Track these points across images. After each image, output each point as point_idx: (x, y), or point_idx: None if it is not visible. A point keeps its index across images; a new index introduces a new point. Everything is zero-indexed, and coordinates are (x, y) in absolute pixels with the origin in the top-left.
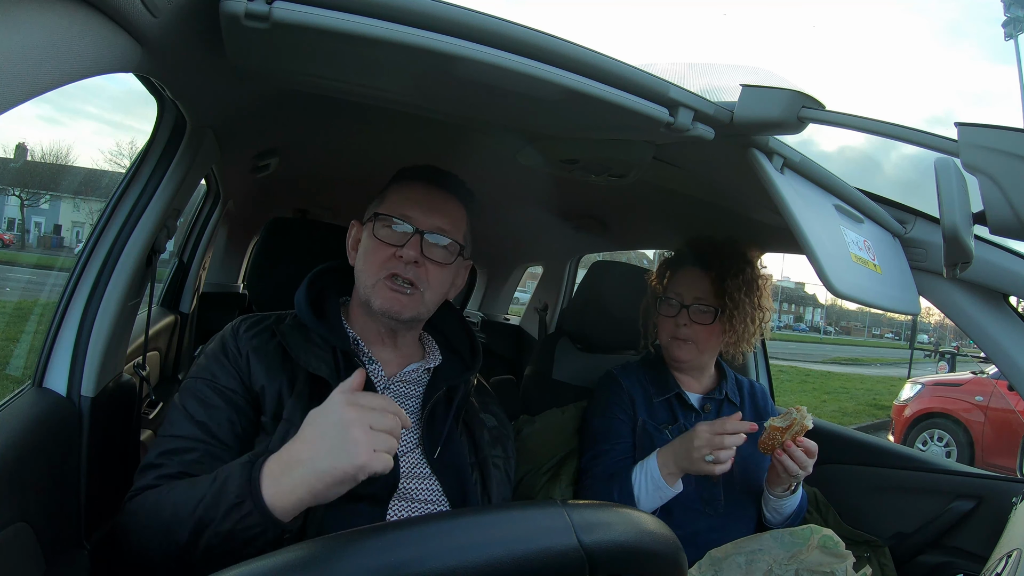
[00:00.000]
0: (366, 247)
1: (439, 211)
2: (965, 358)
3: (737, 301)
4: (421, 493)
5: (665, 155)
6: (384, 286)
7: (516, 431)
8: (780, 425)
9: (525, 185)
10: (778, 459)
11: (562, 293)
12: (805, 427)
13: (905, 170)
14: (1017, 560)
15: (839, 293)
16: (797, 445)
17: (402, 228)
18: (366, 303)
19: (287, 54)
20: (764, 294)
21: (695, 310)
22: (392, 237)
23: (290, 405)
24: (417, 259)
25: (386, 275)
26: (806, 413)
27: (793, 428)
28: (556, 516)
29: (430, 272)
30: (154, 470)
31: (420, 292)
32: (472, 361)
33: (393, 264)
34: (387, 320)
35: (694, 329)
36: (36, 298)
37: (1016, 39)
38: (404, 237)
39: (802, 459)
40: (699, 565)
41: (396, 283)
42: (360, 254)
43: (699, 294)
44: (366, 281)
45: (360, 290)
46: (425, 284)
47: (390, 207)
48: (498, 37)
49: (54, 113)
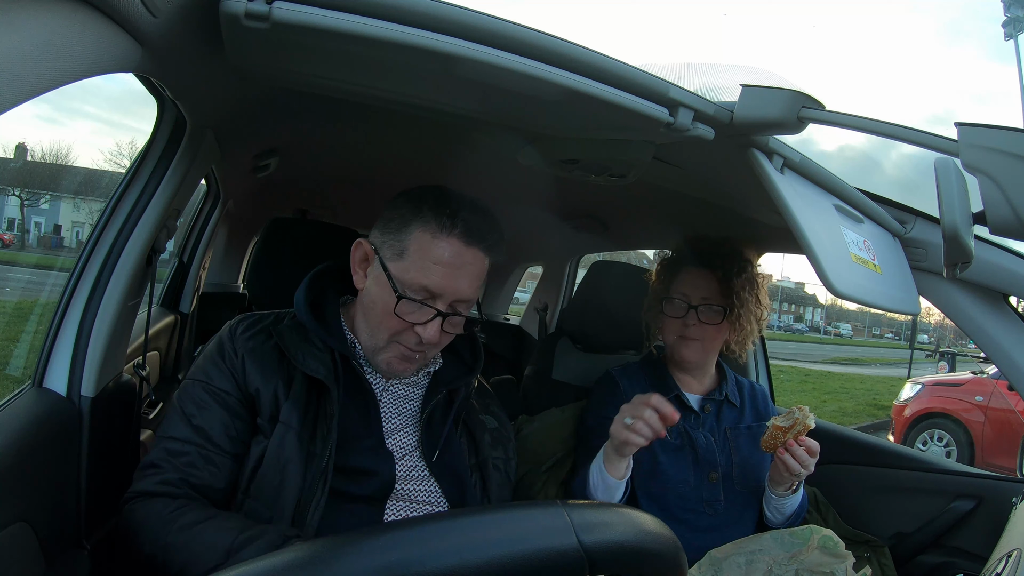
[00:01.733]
0: (381, 303)
1: (466, 276)
2: (965, 358)
3: (743, 300)
4: (419, 495)
5: (665, 155)
6: (395, 351)
7: (516, 431)
8: (783, 424)
9: (525, 185)
10: (780, 458)
11: (562, 293)
12: (807, 426)
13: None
14: (1017, 560)
15: (839, 293)
16: (799, 444)
17: (423, 312)
18: (371, 353)
19: (287, 54)
20: (763, 291)
21: (703, 310)
22: (412, 316)
23: (286, 407)
24: (437, 341)
25: (399, 341)
26: (808, 413)
27: (795, 428)
28: (556, 516)
29: (443, 340)
30: (154, 471)
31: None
32: (473, 363)
33: (408, 337)
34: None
35: (702, 329)
36: (36, 298)
37: (1016, 39)
38: (425, 316)
39: (804, 458)
40: (699, 565)
41: (408, 351)
42: (371, 302)
43: (706, 294)
44: (376, 341)
45: (365, 336)
46: (435, 349)
47: (414, 274)
48: (498, 37)
49: (52, 113)
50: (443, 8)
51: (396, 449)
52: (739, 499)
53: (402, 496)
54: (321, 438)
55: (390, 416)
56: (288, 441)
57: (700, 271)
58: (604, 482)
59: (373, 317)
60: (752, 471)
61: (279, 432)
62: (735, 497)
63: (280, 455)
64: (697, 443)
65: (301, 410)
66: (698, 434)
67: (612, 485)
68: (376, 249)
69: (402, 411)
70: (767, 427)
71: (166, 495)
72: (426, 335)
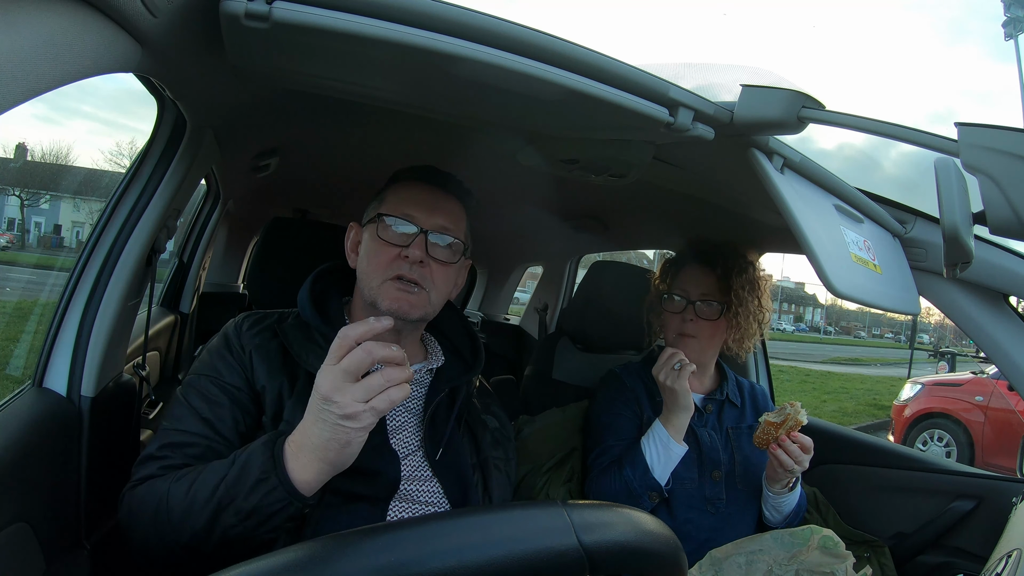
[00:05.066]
0: (369, 248)
1: (441, 210)
2: (965, 358)
3: (742, 298)
4: (422, 495)
5: (665, 155)
6: (390, 286)
7: (516, 431)
8: (774, 420)
9: (525, 185)
10: (773, 453)
11: (562, 293)
12: (799, 422)
13: (905, 169)
14: (1017, 560)
15: (839, 293)
16: (792, 440)
17: (406, 228)
18: (372, 304)
19: (287, 54)
20: (765, 294)
21: (701, 306)
22: (396, 238)
23: (289, 406)
24: (423, 259)
25: (392, 275)
26: (800, 408)
27: (787, 423)
28: (556, 516)
29: (435, 272)
30: (156, 461)
31: (426, 292)
32: (474, 362)
33: (398, 265)
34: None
35: (700, 325)
36: (36, 298)
37: (1016, 39)
38: (408, 238)
39: (797, 453)
40: (699, 565)
41: (402, 283)
42: (363, 255)
43: (705, 290)
44: (371, 282)
45: (364, 291)
46: (430, 284)
47: (392, 207)
48: (498, 37)
49: (49, 112)
50: (443, 8)
51: (400, 448)
52: (741, 498)
53: (404, 497)
54: None
55: (393, 414)
56: None
57: (700, 268)
58: (668, 454)
59: (364, 268)
60: (754, 470)
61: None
62: (737, 496)
63: None
64: (701, 441)
65: (304, 409)
66: (702, 432)
67: (676, 454)
68: (362, 224)
69: (405, 408)
70: (759, 423)
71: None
72: (413, 254)
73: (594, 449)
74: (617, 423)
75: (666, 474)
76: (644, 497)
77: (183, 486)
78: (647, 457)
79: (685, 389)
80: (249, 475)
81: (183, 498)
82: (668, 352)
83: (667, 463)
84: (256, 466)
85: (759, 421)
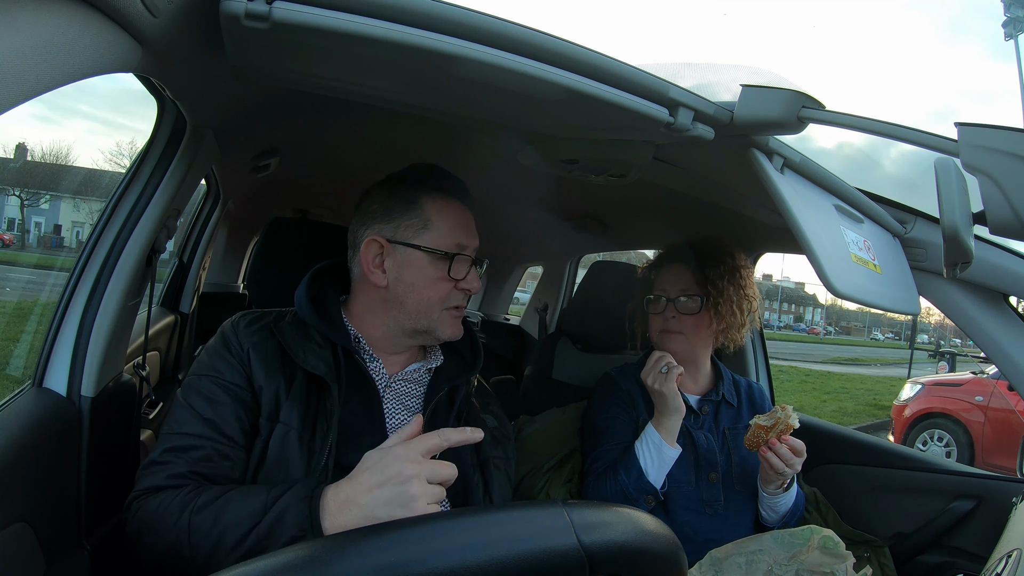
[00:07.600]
0: (427, 276)
1: (475, 231)
2: (965, 358)
3: (720, 288)
4: None
5: (665, 155)
6: (448, 316)
7: (517, 431)
8: (765, 423)
9: (525, 185)
10: (764, 456)
11: (562, 293)
12: (790, 426)
13: (905, 169)
14: (1017, 560)
15: (839, 293)
16: (783, 443)
17: (466, 262)
18: (424, 332)
19: (287, 54)
20: (748, 283)
21: (683, 301)
22: (461, 273)
23: (286, 407)
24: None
25: (451, 306)
26: (791, 412)
27: (778, 427)
28: (556, 516)
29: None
30: (161, 467)
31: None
32: (473, 361)
33: (457, 297)
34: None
35: (682, 320)
36: (36, 298)
37: (1016, 39)
38: (466, 268)
39: (788, 456)
40: (699, 565)
41: (458, 311)
42: (413, 281)
43: (683, 286)
44: (429, 312)
45: (415, 318)
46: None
47: (445, 238)
48: (498, 37)
49: (47, 112)
50: (443, 8)
51: None
52: (739, 499)
53: None
54: (321, 435)
55: (393, 412)
56: (289, 440)
57: (677, 266)
58: (662, 457)
59: (416, 298)
60: (751, 471)
61: (279, 432)
62: (735, 497)
63: (282, 454)
64: (698, 443)
65: (302, 409)
66: (699, 434)
67: (669, 457)
68: (390, 239)
69: (405, 407)
70: (750, 425)
71: (175, 487)
72: (473, 285)
73: (590, 453)
74: (612, 427)
75: (661, 477)
76: (640, 501)
77: (206, 521)
78: (641, 461)
79: (674, 391)
80: (283, 530)
81: (208, 534)
82: (655, 356)
83: (661, 466)
84: (292, 523)
85: (750, 424)
